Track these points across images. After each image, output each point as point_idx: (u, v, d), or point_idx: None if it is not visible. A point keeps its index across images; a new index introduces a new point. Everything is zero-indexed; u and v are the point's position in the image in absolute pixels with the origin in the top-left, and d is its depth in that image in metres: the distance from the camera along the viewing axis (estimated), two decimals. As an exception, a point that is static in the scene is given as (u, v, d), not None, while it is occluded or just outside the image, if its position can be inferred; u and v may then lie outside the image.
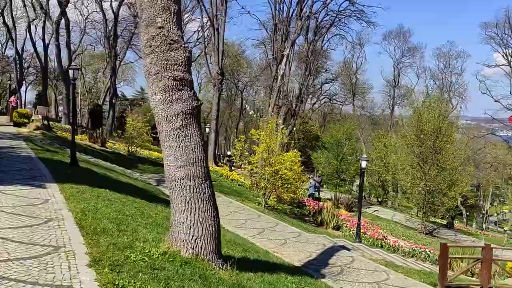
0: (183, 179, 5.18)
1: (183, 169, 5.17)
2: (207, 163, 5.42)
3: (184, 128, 5.17)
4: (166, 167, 5.30)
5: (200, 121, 5.51)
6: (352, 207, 26.96)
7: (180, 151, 5.17)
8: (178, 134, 5.16)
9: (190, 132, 5.21)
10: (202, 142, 5.35)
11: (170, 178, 5.26)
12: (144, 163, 23.33)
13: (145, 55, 5.25)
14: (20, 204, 6.32)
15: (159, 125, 5.25)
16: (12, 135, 17.75)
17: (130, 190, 11.95)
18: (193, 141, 5.22)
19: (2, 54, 52.28)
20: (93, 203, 7.17)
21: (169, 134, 5.18)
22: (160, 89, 5.13)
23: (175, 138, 5.17)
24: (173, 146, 5.18)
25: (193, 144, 5.22)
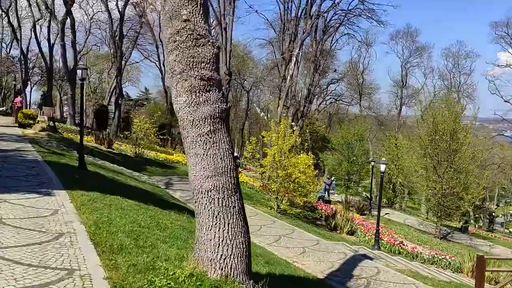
0: (211, 191, 4.61)
1: (211, 179, 4.60)
2: (237, 173, 4.85)
3: (212, 133, 4.60)
4: (191, 177, 4.73)
5: (229, 125, 4.93)
6: (364, 210, 26.35)
7: (207, 159, 4.60)
8: (206, 140, 4.59)
9: (218, 138, 4.63)
10: (231, 149, 4.77)
11: (196, 189, 4.69)
12: (151, 165, 22.83)
13: (168, 52, 4.68)
14: (28, 216, 5.77)
15: (184, 130, 4.67)
16: (18, 136, 17.27)
17: (141, 195, 11.40)
18: (222, 149, 4.65)
19: (7, 54, 52.00)
20: (106, 213, 6.62)
21: (196, 141, 4.60)
22: (186, 90, 4.56)
23: (202, 145, 4.59)
24: (200, 154, 4.61)
25: (222, 152, 4.65)
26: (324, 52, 35.95)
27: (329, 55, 42.91)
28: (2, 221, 5.34)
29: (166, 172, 22.28)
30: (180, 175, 21.96)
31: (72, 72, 33.49)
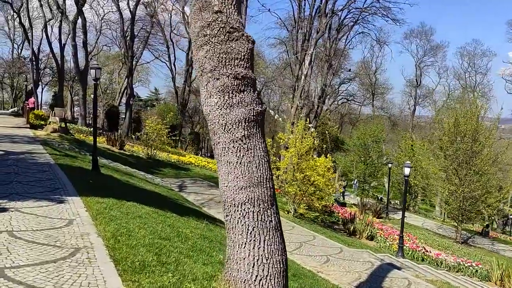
0: (245, 203, 4.10)
1: (245, 191, 4.08)
2: (273, 183, 4.33)
3: (246, 139, 4.08)
4: (222, 187, 4.22)
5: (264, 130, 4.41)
6: (380, 213, 25.68)
7: (241, 168, 4.08)
8: (239, 146, 4.07)
9: (253, 144, 4.12)
10: (268, 157, 4.25)
11: (228, 202, 4.18)
12: (164, 167, 22.42)
13: (197, 47, 4.18)
14: (41, 228, 5.31)
15: (215, 136, 4.16)
16: (29, 138, 16.94)
17: (157, 200, 10.95)
18: (257, 156, 4.13)
19: (19, 55, 52.14)
20: (124, 223, 6.15)
21: (228, 147, 4.09)
22: (218, 90, 4.05)
23: (236, 152, 4.08)
24: (233, 162, 4.09)
25: (257, 160, 4.13)
26: (338, 51, 35.25)
27: (342, 55, 42.12)
28: (13, 234, 4.89)
29: (179, 174, 21.86)
30: (193, 177, 21.55)
31: (83, 73, 33.29)
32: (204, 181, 21.10)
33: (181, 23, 52.07)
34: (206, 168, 25.89)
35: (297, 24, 31.52)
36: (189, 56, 49.48)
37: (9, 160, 10.77)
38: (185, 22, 51.18)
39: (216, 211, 14.74)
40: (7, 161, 10.72)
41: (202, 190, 18.48)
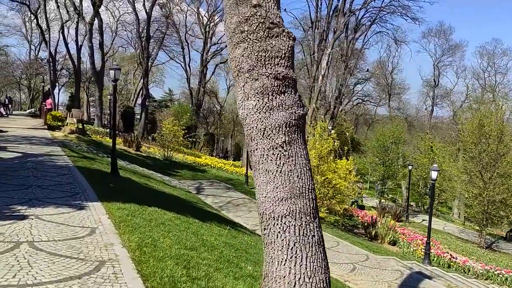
0: (286, 216, 3.72)
1: (286, 202, 3.72)
2: (315, 194, 3.95)
3: (287, 145, 3.71)
4: (260, 198, 3.85)
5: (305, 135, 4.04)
6: (400, 216, 25.06)
7: (281, 177, 3.71)
8: (280, 154, 3.71)
9: (295, 151, 3.75)
10: (309, 165, 3.88)
11: (267, 214, 3.81)
12: (180, 169, 22.22)
13: (233, 45, 3.83)
14: (62, 238, 5.02)
15: (252, 142, 3.80)
16: (47, 139, 16.85)
17: (177, 204, 10.67)
18: (299, 164, 3.76)
19: (36, 56, 52.68)
20: (148, 231, 5.84)
21: (267, 154, 3.73)
22: (256, 92, 3.70)
23: (275, 159, 3.71)
24: (272, 171, 3.73)
25: (299, 168, 3.76)
26: (356, 51, 34.67)
27: (360, 54, 41.48)
28: (34, 245, 4.61)
29: (196, 175, 21.62)
30: (210, 179, 21.29)
31: (100, 74, 33.35)
32: (221, 183, 20.82)
33: (196, 24, 52.07)
34: (222, 169, 25.62)
35: (314, 24, 31.07)
36: (203, 57, 49.39)
37: (28, 163, 10.60)
38: (199, 23, 51.10)
39: (234, 214, 14.44)
40: (26, 163, 10.55)
41: (219, 192, 18.19)
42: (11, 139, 15.46)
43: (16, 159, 11.11)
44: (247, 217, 14.29)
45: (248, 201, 17.05)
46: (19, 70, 54.27)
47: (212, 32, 50.86)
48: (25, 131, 19.06)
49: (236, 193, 18.47)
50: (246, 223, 13.16)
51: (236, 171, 25.87)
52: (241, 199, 17.37)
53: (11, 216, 5.68)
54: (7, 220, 5.45)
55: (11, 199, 6.67)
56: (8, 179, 8.27)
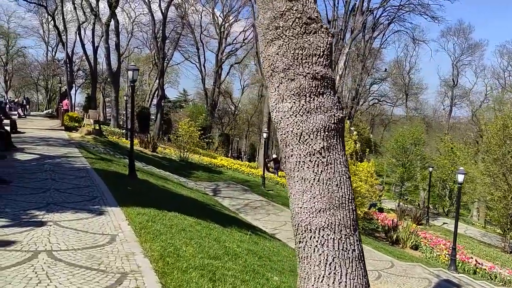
0: (324, 229, 3.41)
1: (325, 214, 3.40)
2: (355, 205, 3.63)
3: (326, 151, 3.40)
4: (295, 208, 3.54)
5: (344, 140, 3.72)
6: (420, 219, 24.44)
7: (319, 186, 3.40)
8: (317, 161, 3.39)
9: (333, 157, 3.43)
10: (349, 173, 3.56)
11: (303, 226, 3.50)
12: (196, 170, 22.02)
13: (267, 43, 3.53)
14: (82, 246, 4.79)
15: (287, 147, 3.50)
16: (64, 140, 16.80)
17: (196, 208, 10.43)
18: (339, 172, 3.44)
19: (53, 57, 53.24)
20: (169, 238, 5.59)
21: (303, 161, 3.41)
22: (292, 93, 3.39)
23: (313, 167, 3.40)
24: (309, 179, 3.41)
25: (338, 177, 3.44)
26: (373, 50, 34.09)
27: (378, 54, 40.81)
28: (53, 255, 4.38)
29: (212, 177, 21.39)
30: (226, 181, 21.03)
31: (116, 74, 33.43)
32: (238, 184, 20.55)
33: (211, 24, 52.00)
34: (238, 171, 25.35)
35: (331, 23, 30.60)
36: (218, 57, 49.27)
37: (45, 165, 10.47)
38: (214, 23, 51.00)
39: (252, 217, 14.15)
40: (44, 165, 10.43)
41: (236, 194, 17.92)
42: (29, 140, 15.43)
43: (34, 161, 11.01)
44: (266, 220, 13.99)
45: (266, 204, 16.75)
46: (37, 71, 54.95)
47: (227, 33, 50.73)
48: (42, 132, 19.08)
49: (253, 195, 18.18)
50: (265, 226, 12.87)
51: (252, 172, 25.58)
52: (259, 201, 17.08)
53: (29, 222, 5.49)
54: (25, 227, 5.25)
55: (29, 203, 6.49)
56: (26, 182, 8.13)
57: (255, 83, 58.77)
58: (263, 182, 20.74)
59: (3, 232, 4.96)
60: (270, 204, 16.75)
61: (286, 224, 13.74)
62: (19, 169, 9.54)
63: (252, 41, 48.87)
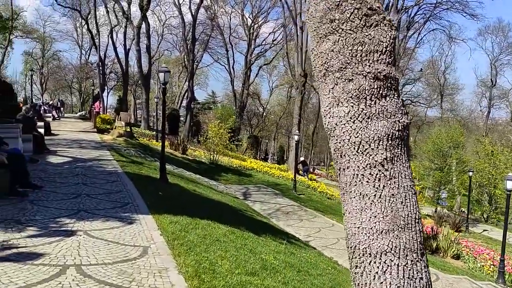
0: (387, 253, 2.93)
1: (387, 236, 2.92)
2: (422, 225, 3.14)
3: (389, 163, 2.92)
4: (352, 228, 3.08)
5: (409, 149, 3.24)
6: (459, 226, 23.32)
7: (381, 204, 2.92)
8: (379, 174, 2.92)
9: (398, 170, 2.95)
10: (415, 188, 3.07)
11: (360, 249, 3.03)
12: (226, 173, 21.75)
13: (319, 39, 3.08)
14: (113, 259, 4.48)
15: (342, 158, 3.04)
16: (96, 143, 16.87)
17: (228, 214, 10.08)
18: (404, 187, 2.96)
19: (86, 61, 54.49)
20: (204, 251, 5.23)
21: (362, 174, 2.95)
22: (350, 96, 2.93)
23: (373, 181, 2.93)
24: (369, 195, 2.94)
25: (404, 192, 2.95)
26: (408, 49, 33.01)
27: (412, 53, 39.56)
28: (82, 270, 4.08)
29: (242, 180, 21.06)
30: (256, 184, 20.67)
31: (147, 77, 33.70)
32: (268, 188, 20.15)
33: (240, 26, 51.92)
34: (268, 174, 24.93)
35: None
36: (247, 59, 49.11)
37: (77, 168, 10.39)
38: (244, 24, 50.89)
39: (285, 223, 13.70)
40: (75, 169, 10.34)
41: (267, 198, 17.51)
42: (62, 142, 15.55)
43: (66, 164, 10.95)
44: (298, 226, 13.50)
45: (298, 209, 16.25)
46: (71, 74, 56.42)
47: (256, 34, 50.54)
48: (75, 134, 19.28)
49: (285, 200, 17.72)
50: (298, 233, 12.39)
51: (283, 175, 25.11)
52: (290, 206, 16.60)
53: (58, 231, 5.25)
54: (54, 237, 5.01)
55: (59, 210, 6.29)
56: (57, 187, 7.98)
57: (284, 84, 58.28)
58: (294, 186, 20.26)
59: (31, 243, 4.72)
60: (302, 209, 16.25)
61: (320, 230, 13.23)
62: (51, 173, 9.46)
63: (282, 42, 48.44)
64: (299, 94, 29.36)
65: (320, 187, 22.87)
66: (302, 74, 28.67)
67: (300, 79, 28.74)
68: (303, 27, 28.40)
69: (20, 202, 6.51)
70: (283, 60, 53.01)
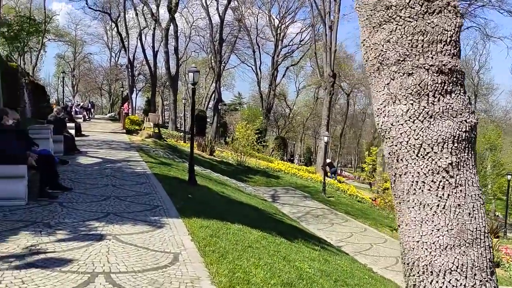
0: (452, 272, 2.56)
1: (453, 252, 2.55)
2: (491, 239, 2.76)
3: (454, 169, 2.56)
4: (409, 243, 2.73)
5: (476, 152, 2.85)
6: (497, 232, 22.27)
7: (445, 215, 2.56)
8: (443, 181, 2.56)
9: (464, 177, 2.58)
10: (483, 197, 2.69)
11: (420, 267, 2.67)
12: (254, 174, 21.52)
13: (372, 28, 2.75)
14: (143, 267, 4.26)
15: (399, 162, 2.69)
16: (125, 144, 16.94)
17: (258, 218, 9.81)
18: (471, 196, 2.59)
19: (116, 63, 55.49)
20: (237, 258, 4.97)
21: (423, 181, 2.59)
22: (409, 92, 2.59)
23: (436, 189, 2.57)
24: (431, 205, 2.59)
25: (471, 203, 2.58)
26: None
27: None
28: (111, 279, 3.87)
29: (270, 182, 20.77)
30: (284, 186, 20.34)
31: (175, 78, 33.91)
32: (297, 190, 19.78)
33: (267, 27, 51.69)
34: (296, 176, 24.54)
35: (394, 21, 28.94)
36: (274, 59, 48.80)
37: (106, 169, 10.34)
38: (271, 25, 50.63)
39: (315, 227, 13.32)
40: (105, 170, 10.30)
41: (296, 201, 17.16)
42: (92, 143, 15.67)
43: (96, 165, 10.93)
44: (329, 230, 13.10)
45: (328, 212, 15.82)
46: (101, 76, 57.56)
47: (283, 34, 50.19)
48: (105, 135, 19.46)
49: (314, 203, 17.31)
50: (329, 238, 11.99)
51: (311, 177, 24.67)
52: (320, 209, 16.19)
53: (88, 235, 5.08)
54: (83, 241, 4.84)
55: (89, 213, 6.16)
56: (87, 188, 7.89)
57: (311, 85, 57.67)
58: (324, 188, 19.80)
59: (60, 248, 4.56)
60: (332, 213, 15.80)
61: (352, 235, 12.79)
62: (81, 174, 9.42)
63: (309, 42, 47.92)
64: (328, 94, 28.81)
65: (349, 190, 22.30)
66: (331, 74, 28.13)
67: (328, 79, 28.21)
68: (332, 26, 27.88)
69: (50, 204, 6.42)
70: (310, 61, 52.48)
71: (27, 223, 5.37)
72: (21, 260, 4.08)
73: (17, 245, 4.51)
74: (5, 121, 6.63)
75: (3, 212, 5.78)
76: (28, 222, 5.41)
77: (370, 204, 20.64)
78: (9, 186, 6.10)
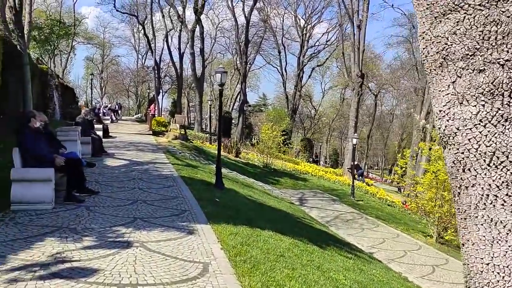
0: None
1: (533, 278, 2.19)
2: None
3: (533, 181, 2.19)
4: (476, 265, 2.36)
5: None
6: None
7: (522, 236, 2.20)
8: (519, 195, 2.20)
9: (546, 191, 2.21)
10: None
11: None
12: (280, 177, 21.20)
13: (434, 19, 2.40)
14: (171, 279, 4.04)
15: (466, 172, 2.33)
16: (152, 145, 16.93)
17: (287, 223, 9.50)
18: (554, 213, 2.21)
19: (143, 65, 56.20)
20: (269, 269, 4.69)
21: (495, 195, 2.23)
22: (480, 92, 2.23)
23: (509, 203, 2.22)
24: (505, 222, 2.21)
25: (554, 220, 2.21)
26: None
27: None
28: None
29: (297, 184, 20.40)
30: (312, 189, 19.93)
31: (200, 79, 33.96)
32: (324, 193, 19.33)
33: (292, 27, 51.29)
34: (323, 178, 24.07)
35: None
36: (300, 60, 48.33)
37: (133, 172, 10.24)
38: (296, 25, 50.19)
39: (345, 232, 12.88)
40: (132, 172, 10.20)
41: (324, 204, 16.73)
42: (119, 145, 15.70)
43: (123, 167, 10.87)
44: (360, 236, 12.63)
45: (358, 216, 15.33)
46: (128, 78, 58.41)
47: (309, 35, 49.67)
48: (131, 137, 19.54)
49: (343, 206, 16.84)
50: (360, 244, 11.55)
51: (339, 179, 24.15)
52: (349, 213, 15.71)
53: (114, 242, 4.90)
54: (110, 249, 4.66)
55: (115, 218, 6.00)
56: (113, 191, 7.78)
57: (337, 86, 56.90)
58: (352, 192, 19.28)
59: (86, 256, 4.38)
60: (362, 217, 15.31)
61: (384, 241, 12.29)
62: (108, 176, 9.34)
63: (335, 43, 47.26)
64: (356, 95, 28.19)
65: (379, 193, 21.67)
66: (359, 74, 27.52)
67: (356, 80, 27.60)
68: (360, 25, 27.27)
69: (77, 208, 6.30)
70: (336, 61, 51.77)
71: (53, 229, 5.24)
72: (46, 270, 3.91)
73: (42, 252, 4.36)
74: (33, 123, 6.55)
75: (30, 216, 5.69)
76: (54, 228, 5.28)
77: (400, 208, 19.97)
78: (36, 189, 6.01)
